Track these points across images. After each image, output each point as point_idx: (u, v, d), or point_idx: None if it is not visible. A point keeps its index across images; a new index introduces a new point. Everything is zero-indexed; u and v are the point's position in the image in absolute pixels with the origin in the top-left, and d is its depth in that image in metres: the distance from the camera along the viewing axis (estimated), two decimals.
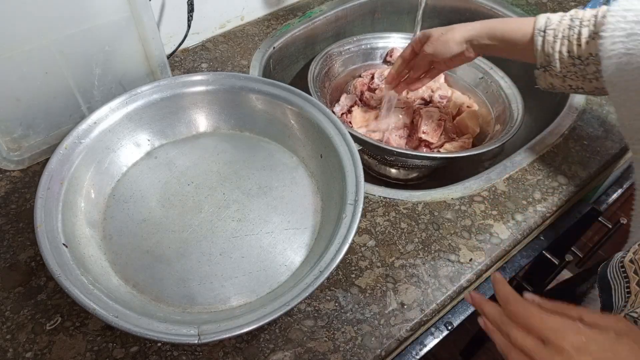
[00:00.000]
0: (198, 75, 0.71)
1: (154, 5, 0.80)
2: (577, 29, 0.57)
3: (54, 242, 0.53)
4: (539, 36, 0.60)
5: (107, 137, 0.65)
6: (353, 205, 0.57)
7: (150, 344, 0.54)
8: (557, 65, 0.59)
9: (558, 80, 0.61)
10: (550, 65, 0.60)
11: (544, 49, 0.60)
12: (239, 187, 0.67)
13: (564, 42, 0.58)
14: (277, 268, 0.59)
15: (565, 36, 0.58)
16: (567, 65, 0.59)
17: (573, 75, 0.59)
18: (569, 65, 0.59)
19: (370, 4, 1.07)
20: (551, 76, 0.62)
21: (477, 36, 0.66)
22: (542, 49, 0.60)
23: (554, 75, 0.61)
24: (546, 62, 0.60)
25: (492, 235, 0.65)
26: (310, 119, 0.67)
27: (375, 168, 0.92)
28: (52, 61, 0.65)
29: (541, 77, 0.63)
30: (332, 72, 0.93)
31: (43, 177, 0.58)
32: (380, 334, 0.55)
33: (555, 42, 0.58)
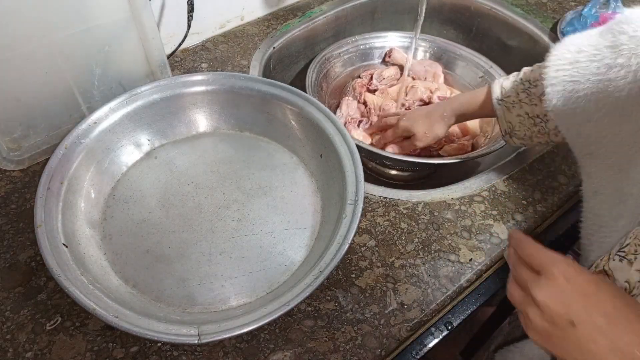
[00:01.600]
0: (198, 75, 0.71)
1: (154, 5, 0.80)
2: (530, 90, 0.61)
3: (54, 242, 0.53)
4: (498, 105, 0.65)
5: (107, 137, 0.65)
6: (353, 205, 0.57)
7: (150, 344, 0.54)
8: (520, 129, 0.64)
9: (526, 141, 0.66)
10: (514, 130, 0.65)
11: (505, 118, 0.65)
12: (239, 187, 0.67)
13: (521, 105, 0.62)
14: (277, 268, 0.59)
15: (522, 100, 0.62)
16: (529, 126, 0.63)
17: (538, 134, 0.63)
18: (531, 126, 0.63)
19: (370, 4, 1.07)
20: (518, 139, 0.66)
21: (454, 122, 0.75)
22: (504, 118, 0.65)
23: (521, 138, 0.65)
24: (510, 128, 0.66)
25: (492, 235, 0.65)
26: (310, 118, 0.67)
27: (375, 169, 0.92)
28: (52, 61, 0.65)
29: (510, 142, 0.68)
30: (330, 74, 0.93)
31: (43, 177, 0.58)
32: (380, 334, 0.55)
33: (514, 107, 0.63)
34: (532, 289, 0.36)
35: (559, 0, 1.08)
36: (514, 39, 1.03)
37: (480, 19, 1.08)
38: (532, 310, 0.36)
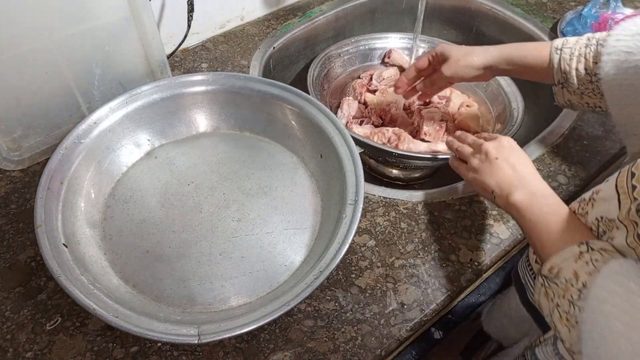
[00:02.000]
0: (198, 75, 0.71)
1: (154, 5, 0.80)
2: (594, 47, 0.58)
3: (54, 242, 0.53)
4: (556, 54, 0.61)
5: (107, 137, 0.65)
6: (353, 205, 0.57)
7: (150, 344, 0.54)
8: (574, 82, 0.60)
9: (576, 97, 0.62)
10: (568, 82, 0.61)
11: (560, 67, 0.61)
12: (239, 187, 0.67)
13: (580, 60, 0.59)
14: (277, 268, 0.59)
15: (582, 54, 0.59)
16: (584, 82, 0.60)
17: (590, 93, 0.60)
18: (586, 82, 0.60)
19: (370, 4, 1.07)
20: (569, 93, 0.62)
21: (496, 62, 0.67)
22: (559, 67, 0.61)
23: (572, 92, 0.62)
24: (563, 79, 0.62)
25: (492, 235, 0.65)
26: (310, 119, 0.67)
27: (376, 168, 0.92)
28: (52, 61, 0.65)
29: (559, 94, 0.64)
30: (331, 74, 0.93)
31: (43, 177, 0.58)
32: (380, 334, 0.55)
33: (572, 59, 0.60)
34: (482, 144, 0.56)
35: (559, 0, 1.08)
36: (514, 39, 1.03)
37: (480, 19, 1.08)
38: (473, 158, 0.57)
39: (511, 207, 0.50)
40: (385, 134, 0.83)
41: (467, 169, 0.59)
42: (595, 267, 0.39)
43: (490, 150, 0.55)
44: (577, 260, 0.41)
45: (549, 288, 0.43)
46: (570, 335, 0.40)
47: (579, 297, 0.39)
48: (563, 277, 0.41)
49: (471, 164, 0.58)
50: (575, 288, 0.40)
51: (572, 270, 0.41)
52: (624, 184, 0.39)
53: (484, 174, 0.54)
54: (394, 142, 0.81)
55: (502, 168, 0.53)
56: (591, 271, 0.39)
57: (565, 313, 0.40)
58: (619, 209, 0.39)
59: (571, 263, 0.41)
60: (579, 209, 0.46)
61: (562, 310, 0.41)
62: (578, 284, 0.39)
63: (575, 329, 0.39)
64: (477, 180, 0.56)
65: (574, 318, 0.39)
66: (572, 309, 0.39)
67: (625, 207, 0.39)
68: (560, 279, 0.41)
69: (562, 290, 0.41)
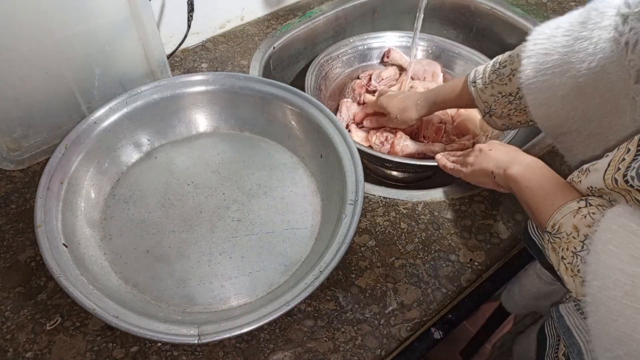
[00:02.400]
0: (198, 75, 0.71)
1: (154, 5, 0.80)
2: (498, 72, 0.62)
3: (54, 242, 0.53)
4: (472, 87, 0.66)
5: (107, 137, 0.65)
6: (353, 205, 0.57)
7: (150, 344, 0.54)
8: (496, 108, 0.64)
9: (505, 120, 0.65)
10: (492, 109, 0.65)
11: (480, 97, 0.66)
12: (239, 187, 0.67)
13: (493, 86, 0.63)
14: (277, 268, 0.59)
15: (492, 80, 0.63)
16: (505, 104, 0.63)
17: (515, 112, 0.63)
18: (506, 104, 0.63)
19: (370, 4, 1.07)
20: (498, 118, 0.66)
21: (427, 112, 0.77)
22: (479, 98, 0.66)
23: (500, 117, 0.65)
24: (487, 108, 0.66)
25: (492, 235, 0.65)
26: (310, 119, 0.67)
27: (376, 170, 0.92)
28: (52, 61, 0.65)
29: (491, 122, 0.68)
30: (329, 75, 0.93)
31: (43, 177, 0.58)
32: (380, 334, 0.55)
33: (486, 88, 0.64)
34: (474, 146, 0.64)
35: (559, 0, 1.08)
36: (514, 39, 1.03)
37: (480, 18, 1.08)
38: (468, 157, 0.63)
39: (509, 179, 0.54)
40: (382, 133, 0.83)
41: (464, 166, 0.63)
42: (593, 219, 0.42)
43: (482, 147, 0.61)
44: (575, 215, 0.44)
45: (554, 243, 0.45)
46: (574, 284, 0.42)
47: (582, 248, 0.42)
48: (564, 232, 0.44)
49: (467, 161, 0.63)
50: (577, 240, 0.42)
51: (571, 224, 0.43)
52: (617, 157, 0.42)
53: (481, 162, 0.60)
54: (391, 139, 0.82)
55: (495, 154, 0.58)
56: (589, 224, 0.42)
57: (570, 264, 0.43)
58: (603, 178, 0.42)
59: (570, 218, 0.44)
60: (575, 177, 0.48)
61: (566, 262, 0.43)
62: (579, 236, 0.42)
63: (578, 277, 0.41)
64: (475, 170, 0.61)
65: (577, 267, 0.42)
66: (575, 259, 0.42)
67: (610, 175, 0.41)
68: (562, 234, 0.44)
69: (565, 243, 0.44)
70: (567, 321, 0.52)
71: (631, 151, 0.40)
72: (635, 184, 0.38)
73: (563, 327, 0.52)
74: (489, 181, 0.59)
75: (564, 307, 0.53)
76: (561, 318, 0.53)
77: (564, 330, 0.52)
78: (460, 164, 0.65)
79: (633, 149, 0.40)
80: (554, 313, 0.55)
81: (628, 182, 0.39)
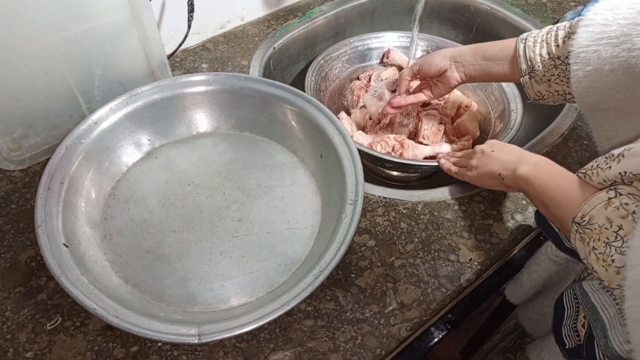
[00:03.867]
0: (198, 76, 0.71)
1: (154, 5, 0.80)
2: (554, 32, 0.60)
3: (54, 242, 0.53)
4: (521, 43, 0.64)
5: (107, 137, 0.66)
6: (353, 205, 0.57)
7: (150, 344, 0.54)
8: (540, 68, 0.62)
9: (544, 86, 0.63)
10: (534, 69, 0.63)
11: (526, 54, 0.63)
12: (239, 187, 0.67)
13: (543, 45, 0.61)
14: (277, 268, 0.59)
15: (544, 39, 0.61)
16: (549, 68, 0.61)
17: (557, 79, 0.61)
18: (550, 68, 0.61)
19: (370, 4, 1.07)
20: (537, 82, 0.64)
21: (460, 54, 0.71)
22: (525, 54, 0.63)
23: (539, 81, 0.63)
24: (529, 68, 0.64)
25: (492, 235, 0.65)
26: (310, 119, 0.67)
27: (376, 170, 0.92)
28: (52, 61, 0.65)
29: (528, 86, 0.66)
30: (329, 76, 0.93)
31: (43, 177, 0.58)
32: (380, 334, 0.55)
33: (535, 45, 0.62)
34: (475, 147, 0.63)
35: (559, 0, 1.08)
36: None
37: (480, 19, 1.08)
38: (471, 160, 0.63)
39: (520, 179, 0.54)
40: (389, 142, 0.83)
41: (468, 169, 0.64)
42: (626, 210, 0.42)
43: (484, 148, 0.61)
44: (607, 207, 0.43)
45: (584, 234, 0.45)
46: (607, 273, 0.42)
47: (615, 238, 0.42)
48: (596, 224, 0.44)
49: (470, 164, 0.63)
50: (610, 231, 0.42)
51: (604, 216, 0.43)
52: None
53: (487, 165, 0.59)
54: (398, 150, 0.81)
55: (500, 155, 0.58)
56: (623, 215, 0.42)
57: (602, 254, 0.42)
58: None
59: (601, 210, 0.44)
60: (602, 164, 0.47)
61: (598, 252, 0.43)
62: (613, 227, 0.42)
63: (612, 267, 0.41)
64: (481, 174, 0.61)
65: (610, 257, 0.42)
66: (608, 249, 0.42)
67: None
68: (593, 225, 0.44)
69: (597, 234, 0.43)
70: (591, 298, 0.52)
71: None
72: None
73: (587, 304, 0.52)
74: (497, 183, 0.59)
75: (587, 285, 0.53)
76: (585, 295, 0.53)
77: (588, 306, 0.52)
78: (464, 166, 0.65)
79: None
80: (578, 289, 0.55)
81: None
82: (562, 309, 0.58)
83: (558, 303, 0.60)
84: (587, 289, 0.53)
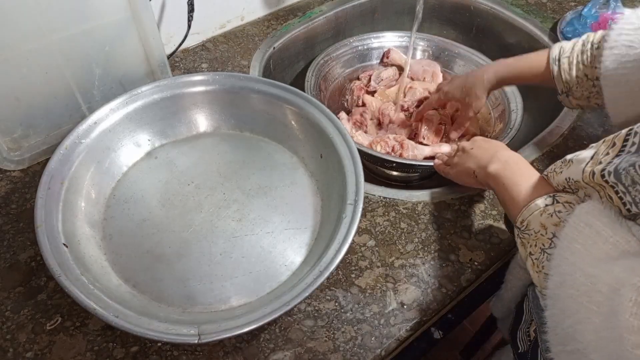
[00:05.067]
0: (198, 76, 0.71)
1: (154, 5, 0.80)
2: (589, 52, 0.59)
3: (54, 242, 0.53)
4: (555, 65, 0.63)
5: (107, 137, 0.66)
6: (353, 205, 0.57)
7: (150, 344, 0.54)
8: (577, 90, 0.62)
9: (583, 102, 0.63)
10: (571, 90, 0.63)
11: (562, 77, 0.62)
12: (239, 187, 0.67)
13: (579, 67, 0.60)
14: (277, 268, 0.59)
15: (580, 61, 0.60)
16: (588, 88, 0.61)
17: (596, 95, 0.61)
18: (589, 87, 0.60)
19: (370, 4, 1.07)
20: (575, 99, 0.63)
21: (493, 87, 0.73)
22: (560, 77, 0.63)
23: (578, 98, 0.63)
24: (566, 89, 0.63)
25: (492, 235, 0.65)
26: (310, 119, 0.67)
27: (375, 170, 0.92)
28: (52, 61, 0.65)
29: (566, 102, 0.65)
30: (329, 76, 0.93)
31: (43, 177, 0.58)
32: (380, 334, 0.55)
33: (571, 69, 0.61)
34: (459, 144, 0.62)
35: (559, 0, 1.08)
36: (514, 39, 1.03)
37: (480, 19, 1.08)
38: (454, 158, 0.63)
39: (489, 177, 0.54)
40: (388, 143, 0.83)
41: (451, 167, 0.64)
42: (559, 218, 0.43)
43: (465, 145, 0.61)
44: (542, 214, 0.45)
45: (523, 238, 0.46)
46: (539, 279, 0.43)
47: (550, 245, 0.43)
48: (532, 229, 0.45)
49: (452, 161, 0.64)
50: (545, 237, 0.43)
51: (538, 222, 0.44)
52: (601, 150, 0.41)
53: (464, 163, 0.60)
54: (398, 151, 0.81)
55: (477, 152, 0.58)
56: (556, 222, 0.43)
57: (537, 260, 0.44)
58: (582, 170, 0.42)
59: (537, 216, 0.45)
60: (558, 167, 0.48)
61: (534, 258, 0.44)
62: (547, 234, 0.43)
63: (542, 273, 0.42)
64: (459, 171, 0.61)
65: (542, 264, 0.43)
66: (542, 255, 0.43)
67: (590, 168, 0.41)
68: (530, 231, 0.45)
69: (534, 240, 0.45)
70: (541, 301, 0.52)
71: (616, 146, 0.39)
72: (610, 180, 0.37)
73: (536, 307, 0.52)
74: (473, 181, 0.59)
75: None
76: (536, 299, 0.53)
77: (536, 310, 0.52)
78: (449, 164, 0.65)
79: (618, 144, 0.39)
80: (531, 293, 0.55)
81: (604, 177, 0.38)
82: (521, 313, 0.58)
83: (518, 307, 0.60)
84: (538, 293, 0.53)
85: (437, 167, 0.69)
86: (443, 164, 0.67)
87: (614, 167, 0.37)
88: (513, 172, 0.52)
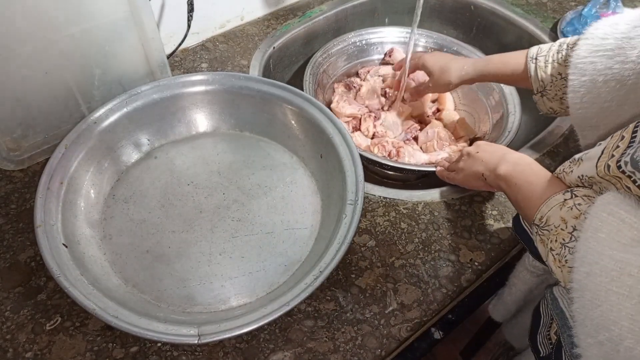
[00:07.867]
0: (198, 75, 0.71)
1: (154, 5, 0.80)
2: (564, 52, 0.61)
3: (53, 242, 0.53)
4: (532, 63, 0.65)
5: (107, 137, 0.65)
6: (353, 205, 0.57)
7: (150, 344, 0.54)
8: (551, 89, 0.63)
9: (556, 104, 0.64)
10: (546, 89, 0.64)
11: (537, 75, 0.64)
12: (239, 187, 0.67)
13: (554, 65, 0.62)
14: (277, 268, 0.59)
15: (555, 59, 0.62)
16: (561, 87, 0.62)
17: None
18: (562, 87, 0.61)
19: (370, 4, 1.07)
20: (549, 100, 0.65)
21: (470, 78, 0.74)
22: (536, 75, 0.64)
23: (551, 99, 0.64)
24: (541, 87, 0.64)
25: (492, 235, 0.65)
26: (310, 119, 0.67)
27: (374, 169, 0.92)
28: (52, 61, 0.65)
29: (540, 103, 0.67)
30: (328, 72, 0.93)
31: (43, 177, 0.58)
32: (380, 334, 0.55)
33: (547, 66, 0.63)
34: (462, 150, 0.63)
35: (559, 0, 1.08)
36: (514, 38, 1.03)
37: (480, 18, 1.08)
38: (458, 163, 0.63)
39: (500, 179, 0.54)
40: (386, 147, 0.83)
41: (456, 172, 0.64)
42: (579, 210, 0.43)
43: (470, 150, 0.61)
44: (561, 207, 0.44)
45: (543, 235, 0.46)
46: (562, 274, 0.43)
47: (570, 239, 0.42)
48: (552, 224, 0.45)
49: (457, 166, 0.63)
50: (565, 232, 0.43)
51: (558, 216, 0.44)
52: (610, 145, 0.42)
53: (471, 166, 0.60)
54: (394, 157, 0.82)
55: (484, 155, 0.58)
56: (576, 215, 0.43)
57: (558, 255, 0.43)
58: (596, 165, 0.42)
59: (557, 210, 0.45)
60: (567, 167, 0.48)
61: (555, 253, 0.44)
62: (568, 228, 0.43)
63: (565, 267, 0.42)
64: (467, 175, 0.61)
65: (564, 258, 0.42)
66: (563, 250, 0.43)
67: (603, 162, 0.41)
68: (550, 226, 0.45)
69: (554, 235, 0.44)
70: (560, 303, 0.52)
71: (625, 138, 0.40)
72: (627, 170, 0.38)
73: (556, 309, 0.52)
74: (481, 184, 0.59)
75: (557, 290, 0.54)
76: (555, 300, 0.53)
77: (557, 312, 0.52)
78: (453, 170, 0.65)
79: (627, 137, 0.40)
80: (548, 295, 0.55)
81: (620, 168, 0.39)
82: (539, 317, 0.59)
83: (535, 311, 0.60)
84: (557, 294, 0.53)
85: (440, 174, 0.69)
86: (446, 170, 0.67)
87: (630, 157, 0.38)
88: (525, 172, 0.52)
